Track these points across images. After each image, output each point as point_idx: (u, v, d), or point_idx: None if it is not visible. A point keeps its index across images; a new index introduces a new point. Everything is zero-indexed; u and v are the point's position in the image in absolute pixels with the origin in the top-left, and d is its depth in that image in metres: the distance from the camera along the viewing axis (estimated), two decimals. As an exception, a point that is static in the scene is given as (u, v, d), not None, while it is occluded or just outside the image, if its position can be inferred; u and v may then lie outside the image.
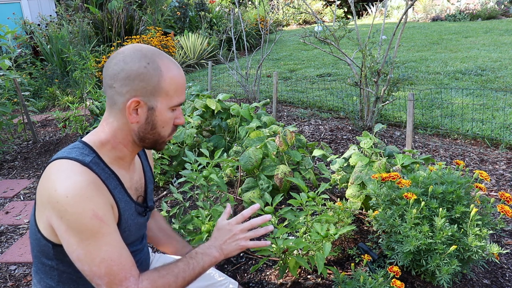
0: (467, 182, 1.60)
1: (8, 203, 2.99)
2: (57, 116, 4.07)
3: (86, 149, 0.97)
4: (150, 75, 0.94)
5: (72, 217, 0.87)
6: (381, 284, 1.41)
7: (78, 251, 0.89)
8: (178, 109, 1.03)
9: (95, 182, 0.92)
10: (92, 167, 0.93)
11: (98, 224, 0.88)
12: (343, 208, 1.94)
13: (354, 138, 3.50)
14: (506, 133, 3.39)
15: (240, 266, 1.90)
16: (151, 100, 0.96)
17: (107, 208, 0.92)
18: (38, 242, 0.98)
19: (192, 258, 1.02)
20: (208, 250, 1.05)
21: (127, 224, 1.03)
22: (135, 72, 0.93)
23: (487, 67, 5.56)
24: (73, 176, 0.89)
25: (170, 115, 1.01)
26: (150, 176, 1.21)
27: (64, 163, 0.92)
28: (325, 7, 13.42)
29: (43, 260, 1.00)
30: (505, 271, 1.78)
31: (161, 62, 0.96)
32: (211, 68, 5.07)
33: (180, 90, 1.00)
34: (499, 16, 11.20)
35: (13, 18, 8.03)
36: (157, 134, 1.01)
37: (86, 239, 0.88)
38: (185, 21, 9.30)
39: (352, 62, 3.69)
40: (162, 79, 0.95)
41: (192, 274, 1.01)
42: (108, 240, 0.90)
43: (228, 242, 1.07)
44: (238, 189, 2.42)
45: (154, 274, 0.96)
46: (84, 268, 0.89)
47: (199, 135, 3.00)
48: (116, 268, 0.90)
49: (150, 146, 1.05)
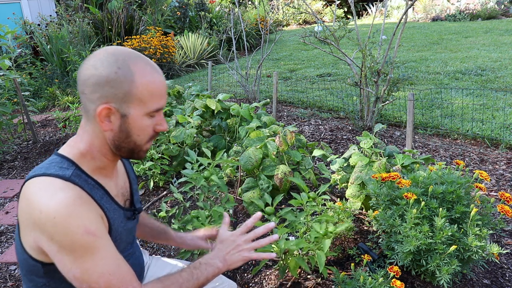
0: (467, 182, 1.60)
1: (8, 203, 2.99)
2: (57, 116, 4.07)
3: (65, 163, 0.92)
4: (120, 81, 0.88)
5: (63, 237, 0.83)
6: (381, 284, 1.42)
7: (74, 270, 0.85)
8: (158, 115, 0.96)
9: (80, 196, 0.87)
10: (75, 180, 0.89)
11: (91, 240, 0.85)
12: (343, 208, 1.94)
13: (354, 138, 3.50)
14: (506, 133, 3.39)
15: (240, 266, 1.90)
16: (123, 107, 0.90)
17: (97, 220, 0.88)
18: (26, 262, 0.93)
19: (196, 268, 1.01)
20: (211, 260, 1.03)
21: (118, 233, 1.00)
22: (105, 78, 0.87)
23: (487, 67, 5.56)
24: (56, 194, 0.84)
25: (147, 122, 0.94)
26: (133, 176, 1.18)
27: (44, 180, 0.86)
28: (325, 7, 13.42)
29: (34, 278, 0.95)
30: (505, 271, 1.78)
31: (134, 66, 0.89)
32: (211, 68, 5.07)
33: (157, 95, 0.92)
34: (499, 16, 11.20)
35: (13, 18, 8.03)
36: (132, 143, 0.95)
37: (80, 256, 0.84)
38: (185, 21, 9.30)
39: (352, 62, 3.69)
40: (134, 85, 0.89)
41: (196, 285, 0.99)
42: (104, 254, 0.87)
43: (231, 253, 1.05)
44: (238, 189, 2.42)
45: (157, 285, 0.94)
46: (83, 286, 0.86)
47: (199, 135, 3.00)
48: (116, 282, 0.87)
49: (127, 155, 0.99)
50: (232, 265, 1.05)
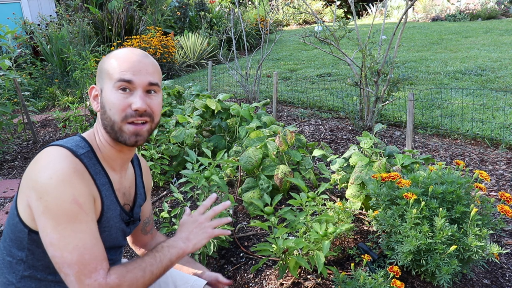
0: (467, 182, 1.60)
1: (8, 203, 2.99)
2: (57, 116, 4.07)
3: (82, 142, 0.99)
4: (101, 62, 1.02)
5: (52, 198, 0.86)
6: (381, 284, 1.42)
7: (52, 235, 0.87)
8: (134, 92, 0.97)
9: (81, 171, 0.92)
10: (83, 160, 0.95)
11: (76, 210, 0.88)
12: (343, 208, 1.94)
13: (354, 138, 3.50)
14: (506, 133, 3.39)
15: (240, 266, 1.90)
16: (101, 83, 1.01)
17: (88, 197, 0.92)
18: (14, 228, 0.97)
19: (159, 251, 1.01)
20: (174, 242, 1.04)
21: (109, 224, 1.02)
22: (99, 67, 1.03)
23: (487, 67, 5.56)
24: (60, 161, 0.90)
25: (115, 95, 0.96)
26: (142, 193, 1.21)
27: (56, 150, 0.93)
28: (325, 7, 13.42)
29: (13, 251, 0.98)
30: (505, 271, 1.78)
31: (116, 51, 1.01)
32: (211, 68, 5.07)
33: (124, 67, 0.97)
34: (499, 16, 11.20)
35: (13, 18, 8.03)
36: (108, 119, 0.98)
37: (62, 223, 0.87)
38: (185, 21, 9.30)
39: (352, 62, 3.69)
40: (107, 60, 1.00)
41: (160, 267, 0.99)
42: (84, 228, 0.89)
43: (194, 232, 1.07)
44: (238, 189, 2.42)
45: (121, 269, 0.94)
46: (56, 254, 0.87)
47: (199, 135, 3.00)
48: (88, 258, 0.88)
49: (112, 135, 1.00)
50: (197, 244, 1.06)
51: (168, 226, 1.86)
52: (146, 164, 1.30)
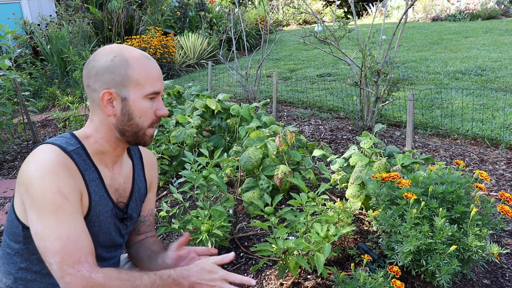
0: (467, 182, 1.60)
1: (8, 203, 2.99)
2: (57, 116, 4.07)
3: (72, 139, 1.01)
4: (117, 66, 0.98)
5: (37, 190, 0.89)
6: (381, 284, 1.41)
7: (36, 225, 0.88)
8: (157, 100, 1.04)
9: (68, 165, 0.94)
10: (73, 156, 0.97)
11: (60, 200, 0.89)
12: (343, 208, 1.94)
13: (354, 138, 3.50)
14: (506, 133, 3.38)
15: (240, 266, 1.90)
16: (122, 90, 0.99)
17: (73, 190, 0.93)
18: (11, 223, 1.00)
19: (163, 280, 0.96)
20: (181, 279, 0.98)
21: (98, 219, 1.02)
22: (104, 66, 0.98)
23: (487, 67, 5.56)
24: (48, 155, 0.92)
25: (146, 105, 1.01)
26: (142, 187, 1.18)
27: (46, 146, 0.95)
28: (325, 7, 13.42)
29: (11, 244, 1.01)
30: (505, 271, 1.78)
31: (129, 54, 0.99)
32: (211, 68, 5.07)
33: (152, 78, 1.00)
34: (499, 16, 11.20)
35: (13, 18, 8.03)
36: (135, 125, 1.02)
37: (46, 213, 0.88)
38: (185, 21, 9.30)
39: (352, 62, 3.69)
40: (130, 68, 0.98)
41: None
42: (67, 219, 0.90)
43: (203, 285, 0.99)
44: (238, 189, 2.42)
45: (112, 272, 0.91)
46: (40, 244, 0.88)
47: (199, 135, 3.00)
48: (71, 249, 0.88)
49: (132, 140, 1.05)
50: None
51: (167, 226, 1.85)
52: (153, 158, 1.28)
